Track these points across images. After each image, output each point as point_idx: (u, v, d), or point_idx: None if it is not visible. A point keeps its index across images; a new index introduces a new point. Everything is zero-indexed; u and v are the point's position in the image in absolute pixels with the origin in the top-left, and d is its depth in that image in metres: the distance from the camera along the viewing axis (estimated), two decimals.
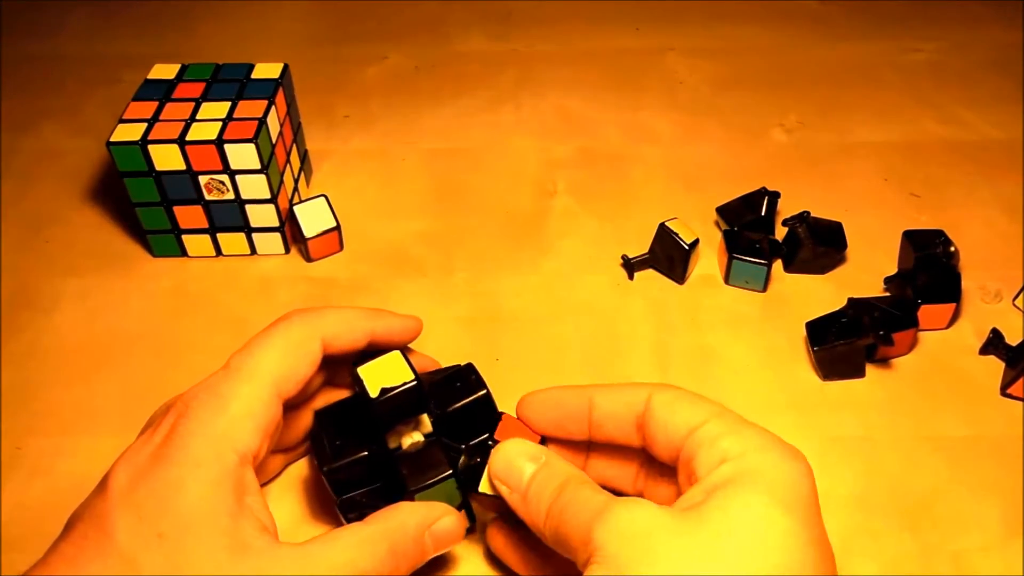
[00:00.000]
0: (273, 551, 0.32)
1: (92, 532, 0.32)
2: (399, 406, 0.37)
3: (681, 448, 0.33)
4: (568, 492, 0.33)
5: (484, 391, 0.39)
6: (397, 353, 0.38)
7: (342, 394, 0.42)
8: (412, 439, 0.39)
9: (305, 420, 0.41)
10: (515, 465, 0.35)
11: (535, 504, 0.34)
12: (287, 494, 0.42)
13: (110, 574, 0.31)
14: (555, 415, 0.37)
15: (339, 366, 0.41)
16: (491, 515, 0.39)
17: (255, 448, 0.34)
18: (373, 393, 0.36)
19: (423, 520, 0.35)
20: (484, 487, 0.36)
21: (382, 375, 0.37)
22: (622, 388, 0.36)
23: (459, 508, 0.38)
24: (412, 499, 0.36)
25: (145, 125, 0.49)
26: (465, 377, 0.39)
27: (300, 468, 0.43)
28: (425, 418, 0.39)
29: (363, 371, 0.37)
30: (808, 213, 0.51)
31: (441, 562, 0.39)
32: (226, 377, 0.35)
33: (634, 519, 0.30)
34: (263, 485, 0.39)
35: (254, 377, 0.35)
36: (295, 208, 0.52)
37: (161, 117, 0.50)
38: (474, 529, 0.39)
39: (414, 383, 0.37)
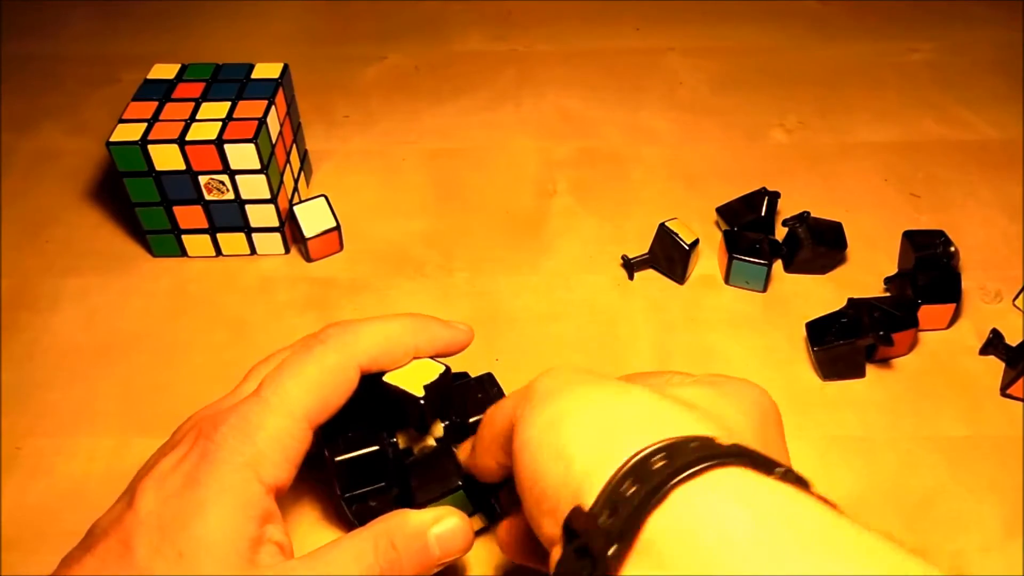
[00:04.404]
0: (283, 565, 0.33)
1: (116, 546, 0.32)
2: (441, 394, 0.37)
3: None
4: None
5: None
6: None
7: None
8: (423, 443, 0.39)
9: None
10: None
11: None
12: (294, 501, 0.42)
13: None
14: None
15: None
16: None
17: (282, 480, 0.34)
18: (419, 393, 0.36)
19: (425, 520, 0.35)
20: None
21: (410, 375, 0.37)
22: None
23: (471, 515, 0.38)
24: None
25: (145, 125, 0.49)
26: (486, 389, 0.40)
27: (303, 492, 0.43)
28: (439, 424, 0.39)
29: (391, 379, 0.37)
30: (808, 213, 0.52)
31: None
32: (257, 406, 0.35)
33: (565, 367, 0.32)
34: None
35: (284, 409, 0.35)
36: (295, 208, 0.52)
37: (161, 117, 0.50)
38: (488, 528, 0.39)
39: (446, 368, 0.38)
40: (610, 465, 0.26)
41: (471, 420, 0.38)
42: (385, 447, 0.38)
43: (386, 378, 0.37)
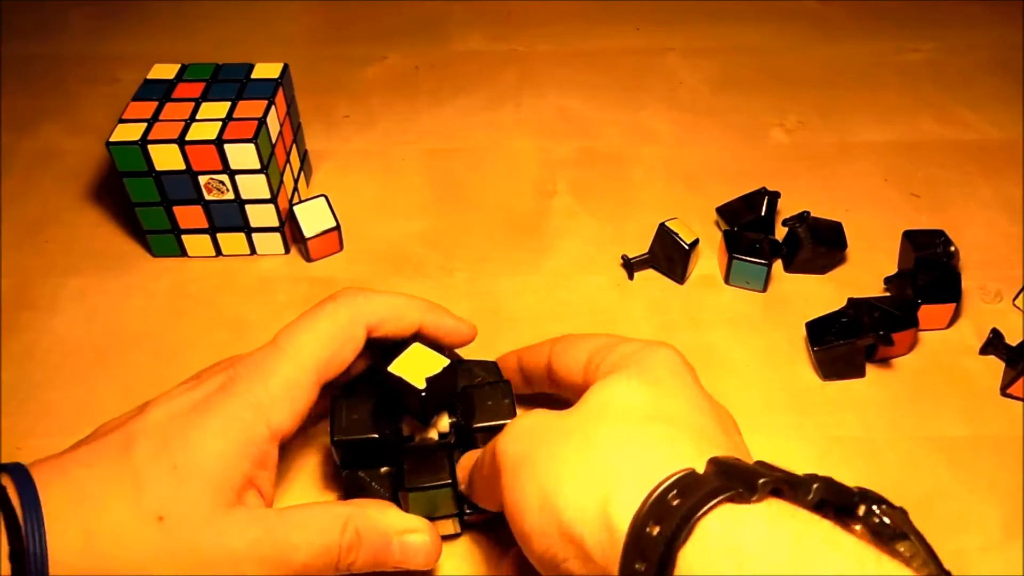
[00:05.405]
0: (260, 511, 0.34)
1: (116, 444, 0.33)
2: (443, 388, 0.38)
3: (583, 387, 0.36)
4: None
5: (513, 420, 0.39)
6: (418, 345, 0.39)
7: None
8: (425, 434, 0.39)
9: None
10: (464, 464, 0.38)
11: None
12: (301, 459, 0.43)
13: (117, 485, 0.32)
14: (506, 372, 0.43)
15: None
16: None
17: (286, 428, 0.35)
18: (420, 385, 0.37)
19: (397, 525, 0.36)
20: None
21: (415, 367, 0.38)
22: (537, 346, 0.41)
23: (453, 517, 0.38)
24: (407, 496, 0.37)
25: (145, 125, 0.49)
26: (499, 399, 0.39)
27: (310, 448, 0.43)
28: (445, 419, 0.39)
29: (395, 369, 0.38)
30: (808, 213, 0.52)
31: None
32: (272, 353, 0.36)
33: (523, 422, 0.34)
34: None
35: (297, 359, 0.36)
36: (295, 208, 0.52)
37: (161, 117, 0.50)
38: (460, 533, 0.40)
39: (450, 364, 0.38)
40: (615, 543, 0.28)
41: (475, 426, 0.38)
42: (386, 435, 0.38)
43: (391, 368, 0.38)
